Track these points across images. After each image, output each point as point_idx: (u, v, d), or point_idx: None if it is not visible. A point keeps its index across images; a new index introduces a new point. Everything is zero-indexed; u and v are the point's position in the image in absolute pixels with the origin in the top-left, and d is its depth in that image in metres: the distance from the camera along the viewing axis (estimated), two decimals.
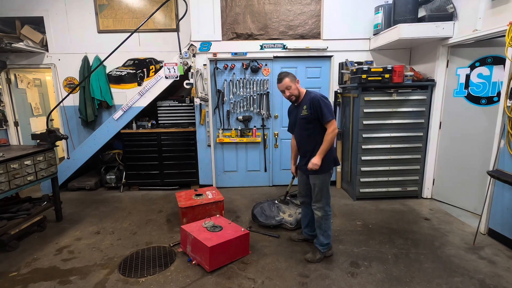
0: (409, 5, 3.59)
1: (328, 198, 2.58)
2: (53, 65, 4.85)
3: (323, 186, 2.53)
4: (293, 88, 2.51)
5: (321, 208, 2.57)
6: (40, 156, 3.23)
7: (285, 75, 2.52)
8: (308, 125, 2.50)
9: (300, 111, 2.54)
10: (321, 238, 2.61)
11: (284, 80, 2.51)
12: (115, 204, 4.10)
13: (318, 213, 2.58)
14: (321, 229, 2.60)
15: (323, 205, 2.56)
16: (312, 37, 4.35)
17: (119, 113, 4.39)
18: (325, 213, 2.57)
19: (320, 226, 2.60)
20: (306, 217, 2.86)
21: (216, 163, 4.63)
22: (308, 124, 2.50)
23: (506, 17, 2.73)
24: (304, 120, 2.52)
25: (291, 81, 2.50)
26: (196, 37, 4.24)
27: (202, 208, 3.23)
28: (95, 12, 4.76)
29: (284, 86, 2.52)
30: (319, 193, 2.55)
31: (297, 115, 2.59)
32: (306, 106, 2.47)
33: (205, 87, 4.31)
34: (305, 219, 2.88)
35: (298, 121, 2.58)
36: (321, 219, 2.58)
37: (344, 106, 4.33)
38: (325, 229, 2.60)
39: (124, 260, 2.69)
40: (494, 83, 3.21)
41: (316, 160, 2.42)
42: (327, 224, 2.60)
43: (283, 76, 2.52)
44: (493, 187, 2.91)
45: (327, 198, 2.57)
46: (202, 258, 2.50)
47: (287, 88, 2.51)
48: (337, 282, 2.34)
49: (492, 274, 2.39)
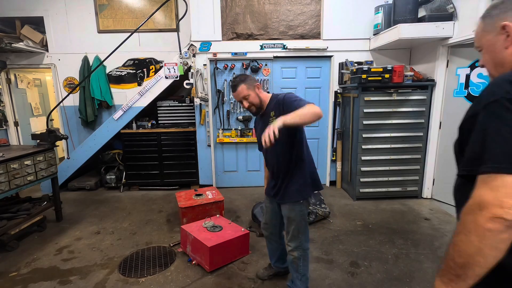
0: (409, 5, 3.59)
1: (307, 232, 2.01)
2: (53, 65, 4.85)
3: (300, 219, 1.94)
4: (252, 97, 1.91)
5: (299, 248, 1.98)
6: (40, 156, 3.23)
7: (239, 81, 1.90)
8: (283, 137, 1.76)
9: (266, 121, 1.90)
10: (298, 283, 2.04)
11: (238, 88, 1.89)
12: (115, 204, 4.10)
13: (295, 254, 1.99)
14: (299, 272, 2.02)
15: (301, 243, 1.98)
16: (312, 37, 4.35)
17: (119, 113, 4.39)
18: (303, 252, 2.00)
19: (297, 269, 2.02)
20: (275, 251, 2.31)
21: (216, 163, 4.63)
22: (282, 136, 1.71)
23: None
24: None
25: (248, 88, 1.89)
26: (196, 37, 4.24)
27: (202, 208, 3.23)
28: (95, 12, 4.76)
29: (240, 96, 1.91)
30: (296, 230, 1.96)
31: (263, 127, 1.69)
32: (273, 111, 1.86)
33: (205, 87, 4.31)
34: (274, 253, 2.32)
35: None
36: (298, 260, 1.99)
37: (344, 106, 4.33)
38: (304, 272, 2.03)
39: (124, 260, 2.69)
40: None
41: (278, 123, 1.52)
42: (305, 265, 2.03)
43: (238, 82, 1.91)
44: None
45: (305, 233, 1.99)
46: (202, 258, 2.50)
47: (244, 98, 1.91)
48: (337, 282, 2.34)
49: None
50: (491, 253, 0.67)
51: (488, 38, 0.90)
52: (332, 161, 4.60)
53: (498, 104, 0.72)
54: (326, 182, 4.71)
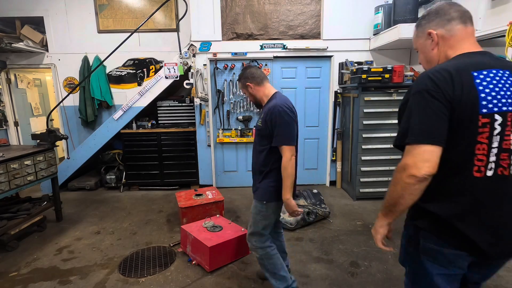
0: (409, 5, 3.59)
1: (262, 235, 2.00)
2: (53, 65, 4.85)
3: (257, 217, 1.98)
4: (247, 94, 2.04)
5: (255, 247, 2.02)
6: (40, 156, 3.23)
7: (240, 75, 2.04)
8: (262, 141, 1.92)
9: (258, 119, 1.98)
10: (274, 282, 2.03)
11: (239, 80, 2.07)
12: (115, 204, 4.10)
13: (256, 254, 2.05)
14: (269, 271, 2.03)
15: (256, 242, 2.01)
16: (312, 37, 4.35)
17: (119, 113, 4.39)
18: (262, 250, 2.00)
19: (266, 268, 2.04)
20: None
21: (216, 163, 4.63)
22: (262, 140, 1.92)
23: (506, 17, 2.73)
24: (258, 132, 1.97)
25: (242, 86, 2.04)
26: (196, 37, 4.24)
27: (202, 208, 3.23)
28: (95, 12, 4.76)
29: (240, 87, 2.12)
30: (251, 227, 2.03)
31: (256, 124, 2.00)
32: (263, 116, 1.90)
33: (205, 87, 4.31)
34: None
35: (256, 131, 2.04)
36: (262, 260, 2.03)
37: (344, 106, 4.33)
38: (273, 270, 2.02)
39: (124, 260, 2.69)
40: None
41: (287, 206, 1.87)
42: (271, 263, 2.01)
43: (239, 75, 2.05)
44: None
45: (260, 235, 2.00)
46: (202, 258, 2.50)
47: (242, 90, 2.08)
48: (337, 282, 2.34)
49: None
50: (409, 197, 1.04)
51: (420, 42, 1.18)
52: (332, 161, 4.60)
53: (420, 94, 1.01)
54: (326, 182, 4.71)
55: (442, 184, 1.04)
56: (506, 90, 0.99)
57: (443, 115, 0.98)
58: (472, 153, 1.00)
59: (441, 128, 0.98)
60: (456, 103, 0.97)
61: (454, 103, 0.98)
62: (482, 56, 1.07)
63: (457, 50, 1.10)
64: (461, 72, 0.99)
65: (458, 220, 1.03)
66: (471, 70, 1.00)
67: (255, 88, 1.98)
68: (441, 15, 1.12)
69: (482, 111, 0.98)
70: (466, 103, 0.97)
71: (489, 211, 1.02)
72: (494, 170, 1.01)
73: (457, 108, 0.98)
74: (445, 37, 1.11)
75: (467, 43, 1.10)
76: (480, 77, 0.99)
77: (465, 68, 1.01)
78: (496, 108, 0.98)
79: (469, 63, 1.03)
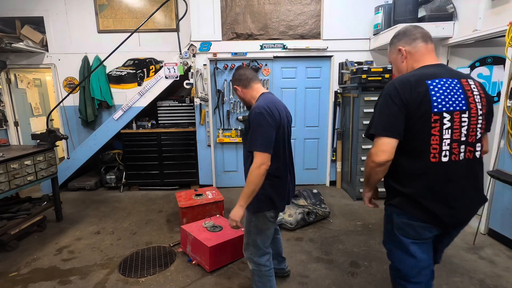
0: (409, 5, 3.59)
1: (259, 247, 1.83)
2: (53, 65, 4.85)
3: (250, 228, 1.83)
4: (238, 96, 1.92)
5: (250, 260, 1.87)
6: (40, 156, 3.23)
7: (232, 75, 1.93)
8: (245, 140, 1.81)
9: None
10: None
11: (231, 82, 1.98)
12: (115, 204, 4.10)
13: (249, 266, 1.89)
14: (256, 286, 1.89)
15: (251, 255, 1.85)
16: (312, 37, 4.35)
17: (119, 113, 4.39)
18: (256, 266, 1.84)
19: (254, 281, 1.89)
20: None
21: (216, 163, 4.63)
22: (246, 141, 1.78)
23: (506, 17, 2.73)
24: (243, 137, 1.89)
25: (233, 88, 1.92)
26: (196, 37, 4.24)
27: (202, 208, 3.23)
28: (95, 12, 4.76)
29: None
30: (246, 237, 1.88)
31: None
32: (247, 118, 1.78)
33: (205, 87, 4.31)
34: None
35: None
36: (253, 274, 1.88)
37: (344, 106, 4.33)
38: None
39: (124, 260, 2.69)
40: (494, 83, 3.21)
41: (234, 213, 1.68)
42: (263, 282, 1.85)
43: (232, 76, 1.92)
44: (493, 187, 2.91)
45: (256, 246, 1.82)
46: (202, 258, 2.50)
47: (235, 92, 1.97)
48: (337, 282, 2.34)
49: (492, 274, 2.39)
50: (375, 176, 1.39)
51: (393, 56, 1.51)
52: (332, 161, 4.60)
53: (385, 97, 1.31)
54: (326, 182, 4.71)
55: (409, 169, 1.32)
56: (453, 94, 1.27)
57: (400, 115, 1.27)
58: (428, 143, 1.27)
59: (396, 125, 1.28)
60: (412, 104, 1.26)
61: (410, 105, 1.26)
62: (437, 67, 1.36)
63: (420, 63, 1.40)
64: (419, 81, 1.28)
65: (421, 197, 1.29)
66: (427, 79, 1.28)
67: (242, 91, 1.87)
68: (408, 35, 1.42)
69: (433, 110, 1.25)
70: (422, 104, 1.25)
71: (444, 189, 1.29)
72: (449, 156, 1.28)
73: (414, 108, 1.26)
74: (411, 53, 1.41)
75: (428, 57, 1.40)
76: (433, 84, 1.27)
77: (423, 77, 1.29)
78: (445, 108, 1.26)
79: (426, 73, 1.31)
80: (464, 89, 1.30)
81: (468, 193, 1.32)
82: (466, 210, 1.33)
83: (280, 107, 1.77)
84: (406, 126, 1.28)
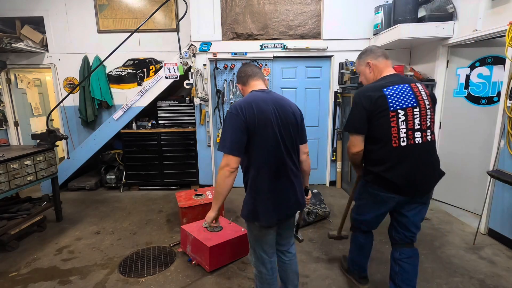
0: (409, 5, 3.59)
1: (258, 254, 1.76)
2: (53, 65, 4.85)
3: (248, 235, 1.80)
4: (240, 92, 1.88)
5: (251, 260, 1.85)
6: (40, 156, 3.23)
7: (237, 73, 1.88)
8: None
9: None
10: None
11: None
12: (115, 204, 4.10)
13: (253, 270, 1.88)
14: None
15: (252, 261, 1.82)
16: (312, 37, 4.35)
17: (119, 113, 4.39)
18: (257, 272, 1.81)
19: (256, 285, 1.88)
20: None
21: (216, 163, 4.62)
22: None
23: (506, 17, 2.73)
24: None
25: (237, 84, 1.89)
26: (196, 37, 4.24)
27: (202, 208, 3.22)
28: (95, 12, 4.76)
29: None
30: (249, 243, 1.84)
31: None
32: None
33: (205, 87, 4.31)
34: None
35: None
36: (255, 278, 1.86)
37: (344, 106, 4.33)
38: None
39: (124, 260, 2.69)
40: (494, 83, 3.21)
41: (208, 214, 1.69)
42: (262, 286, 1.82)
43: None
44: (493, 187, 2.91)
45: (255, 253, 1.77)
46: (202, 258, 2.50)
47: None
48: (337, 282, 2.34)
49: (492, 274, 2.39)
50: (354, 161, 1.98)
51: (362, 68, 1.97)
52: (332, 161, 4.60)
53: (355, 102, 1.81)
54: (326, 182, 4.71)
55: (377, 154, 1.78)
56: (405, 95, 1.72)
57: (364, 116, 1.75)
58: (389, 132, 1.71)
59: (362, 124, 1.77)
60: (374, 106, 1.72)
61: (372, 107, 1.72)
62: (393, 77, 1.83)
63: (382, 74, 1.88)
64: (378, 89, 1.75)
65: (386, 173, 1.74)
66: (383, 87, 1.75)
67: (242, 88, 1.81)
68: (374, 53, 1.91)
69: (390, 109, 1.71)
70: (381, 106, 1.71)
71: (403, 166, 1.72)
72: (406, 142, 1.71)
73: (376, 109, 1.72)
74: (376, 65, 1.89)
75: (387, 70, 1.88)
76: (388, 90, 1.73)
77: (381, 86, 1.76)
78: (398, 107, 1.71)
79: (384, 82, 1.78)
80: (413, 91, 1.75)
81: (423, 168, 1.74)
82: (421, 180, 1.75)
83: (266, 107, 1.58)
84: (373, 123, 1.74)
